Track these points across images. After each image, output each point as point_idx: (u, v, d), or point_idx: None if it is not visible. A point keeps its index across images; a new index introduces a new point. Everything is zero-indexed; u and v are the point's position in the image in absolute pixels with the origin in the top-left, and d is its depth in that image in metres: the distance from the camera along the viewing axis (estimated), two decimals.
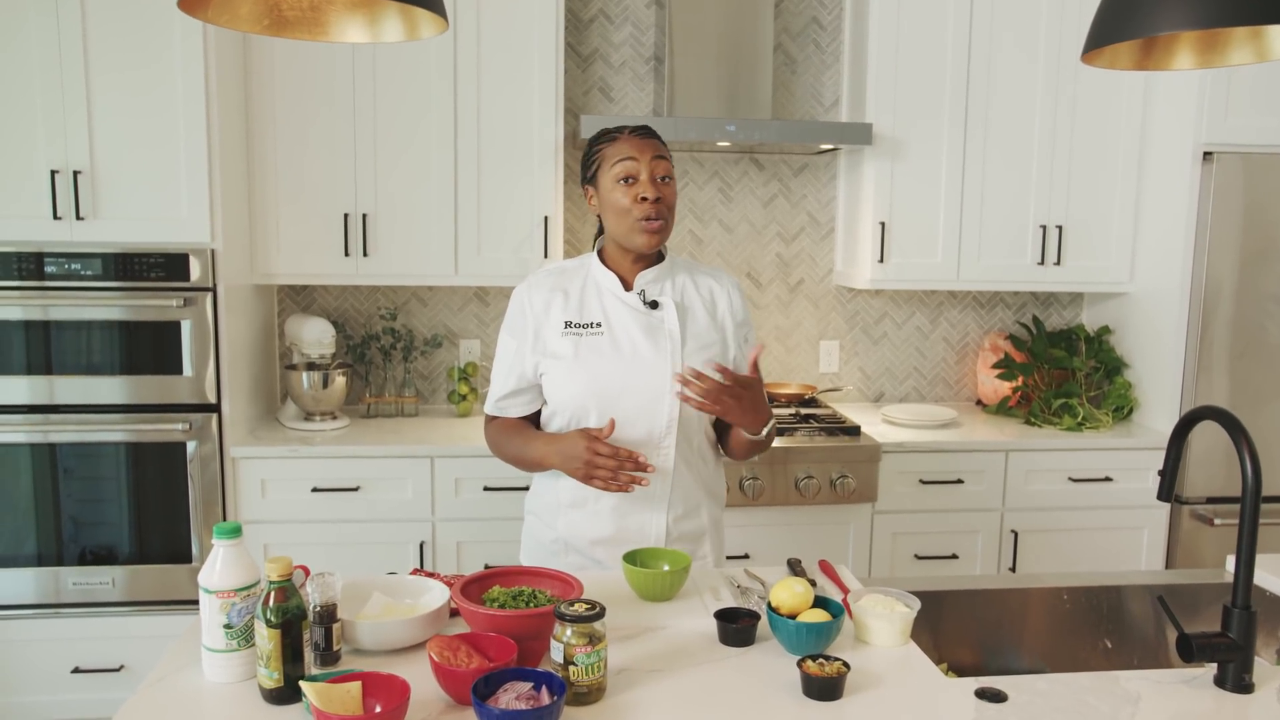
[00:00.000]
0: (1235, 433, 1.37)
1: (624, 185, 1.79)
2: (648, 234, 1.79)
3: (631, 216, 1.79)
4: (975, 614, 1.81)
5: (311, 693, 1.17)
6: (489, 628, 1.36)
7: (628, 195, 1.78)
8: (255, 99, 2.92)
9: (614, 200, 1.80)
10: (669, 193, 1.81)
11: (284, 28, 1.22)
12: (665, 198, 1.80)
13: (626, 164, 1.78)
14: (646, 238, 1.80)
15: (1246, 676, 1.37)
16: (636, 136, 1.81)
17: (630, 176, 1.78)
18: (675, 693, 1.34)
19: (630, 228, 1.80)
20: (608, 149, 1.82)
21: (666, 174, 1.81)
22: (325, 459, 2.82)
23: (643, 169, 1.78)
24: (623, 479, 1.73)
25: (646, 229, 1.79)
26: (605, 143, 1.83)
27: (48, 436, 2.72)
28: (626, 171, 1.78)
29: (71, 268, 2.67)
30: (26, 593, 2.77)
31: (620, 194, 1.79)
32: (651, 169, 1.79)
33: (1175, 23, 1.17)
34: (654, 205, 1.78)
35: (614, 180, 1.80)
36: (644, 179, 1.78)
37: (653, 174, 1.79)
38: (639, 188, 1.78)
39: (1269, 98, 3.00)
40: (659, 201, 1.78)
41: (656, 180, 1.79)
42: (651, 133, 1.84)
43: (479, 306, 3.42)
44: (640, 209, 1.78)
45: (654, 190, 1.77)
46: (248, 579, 1.35)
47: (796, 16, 3.40)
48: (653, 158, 1.79)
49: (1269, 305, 3.04)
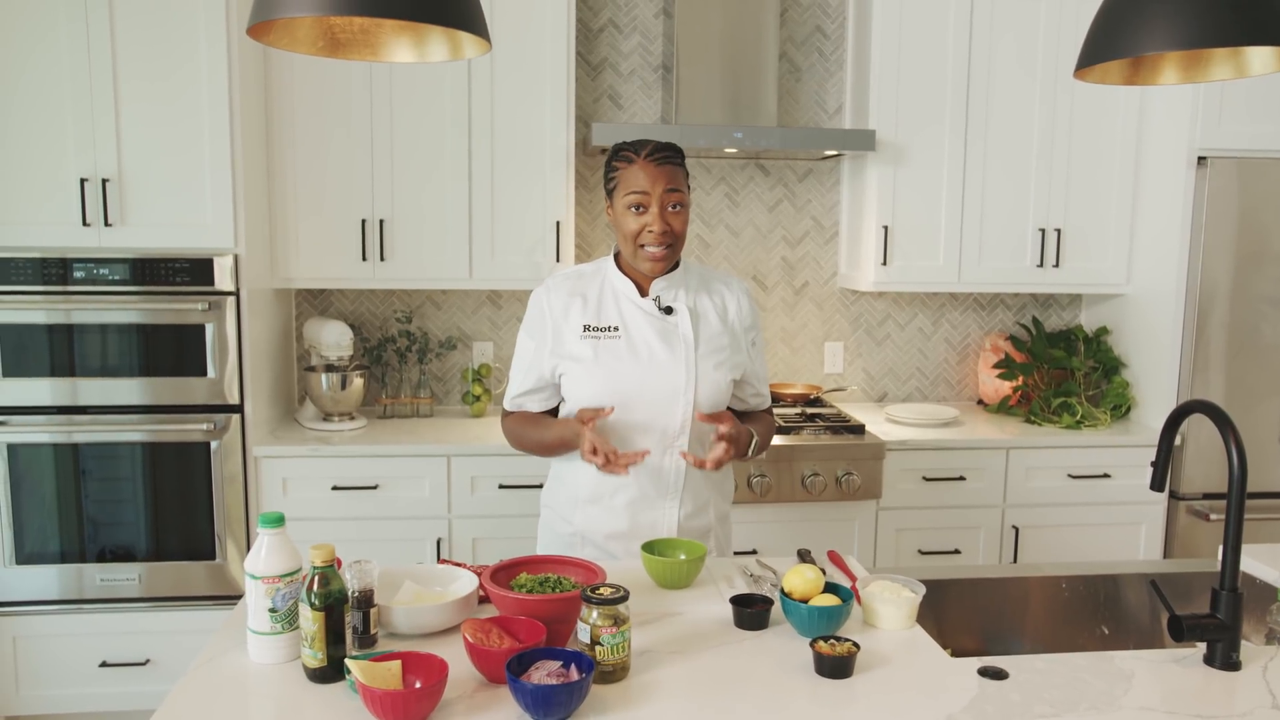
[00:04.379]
0: (1222, 424, 1.45)
1: (634, 213, 1.86)
2: (652, 262, 1.87)
3: (637, 243, 1.87)
4: (977, 602, 1.89)
5: (357, 669, 1.25)
6: (519, 611, 1.44)
7: (637, 223, 1.86)
8: (275, 108, 3.00)
9: (625, 224, 1.88)
10: (678, 222, 1.87)
11: (338, 49, 1.30)
12: (674, 228, 1.86)
13: (638, 194, 1.85)
14: (651, 265, 1.88)
15: (1234, 655, 1.45)
16: (653, 164, 1.84)
17: (641, 205, 1.85)
18: (695, 672, 1.42)
19: (635, 253, 1.88)
20: (624, 173, 1.87)
21: (679, 203, 1.86)
22: (344, 458, 2.90)
23: (653, 200, 1.84)
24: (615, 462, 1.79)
25: (651, 257, 1.87)
26: (623, 164, 1.88)
27: (72, 437, 2.79)
28: (638, 200, 1.85)
29: (99, 273, 2.75)
30: (53, 589, 2.84)
31: (631, 220, 1.86)
32: (663, 201, 1.84)
33: (1161, 43, 1.25)
34: (660, 235, 1.84)
35: (625, 206, 1.87)
36: (654, 210, 1.84)
37: (663, 205, 1.84)
38: (648, 218, 1.85)
39: (1262, 104, 3.08)
40: (666, 233, 1.85)
41: (666, 210, 1.85)
42: (669, 158, 1.87)
43: (492, 309, 3.50)
44: (646, 238, 1.85)
45: (661, 223, 1.84)
46: (291, 565, 1.43)
47: (801, 25, 3.48)
48: (665, 190, 1.84)
49: (1262, 306, 3.11)
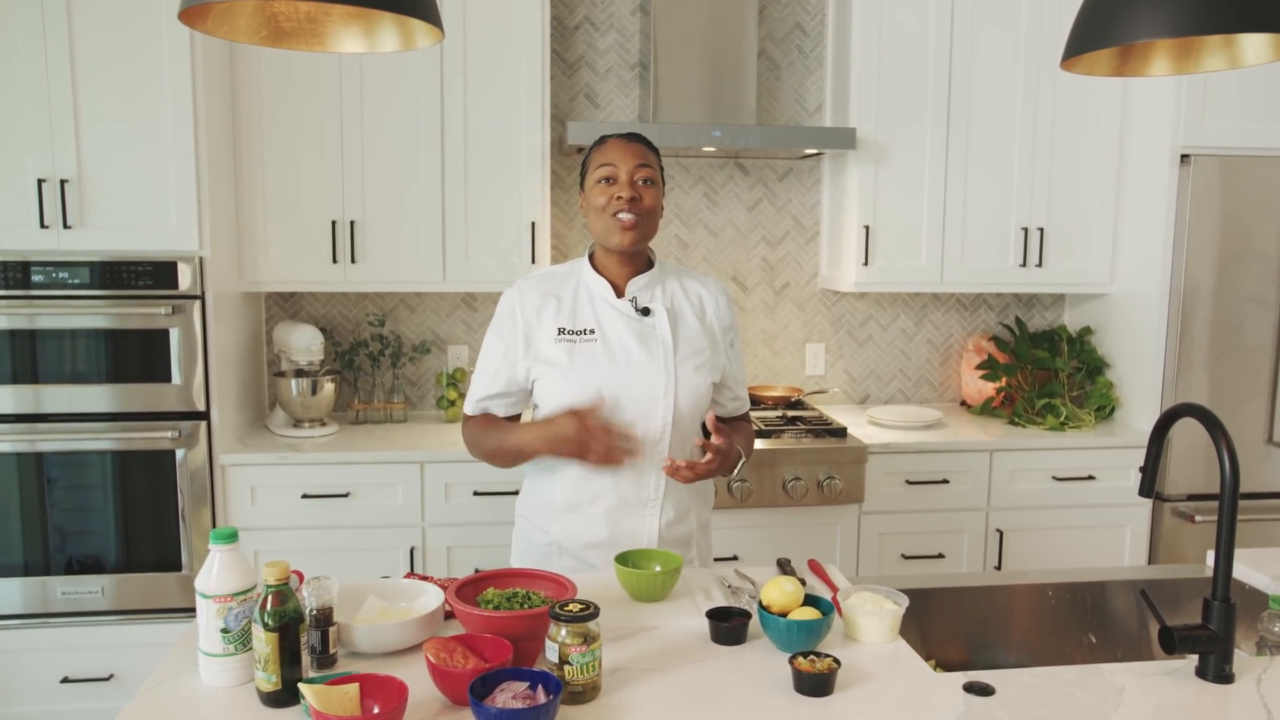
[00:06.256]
0: (1214, 429, 1.40)
1: (604, 185, 1.83)
2: (622, 230, 1.81)
3: (608, 213, 1.82)
4: (962, 611, 1.84)
5: (310, 694, 1.19)
6: (484, 629, 1.38)
7: (606, 194, 1.82)
8: (242, 105, 2.92)
9: (594, 200, 1.84)
10: (649, 196, 1.83)
11: (281, 39, 1.23)
12: (644, 199, 1.82)
13: (608, 167, 1.83)
14: (620, 234, 1.82)
15: (1227, 667, 1.40)
16: (623, 141, 1.85)
17: (610, 178, 1.82)
18: (669, 691, 1.36)
19: (607, 225, 1.83)
20: (595, 153, 1.86)
21: (649, 178, 1.83)
22: (315, 465, 2.83)
23: (622, 171, 1.82)
24: (616, 454, 1.75)
25: (620, 225, 1.81)
26: (596, 147, 1.87)
27: (35, 446, 2.71)
28: (607, 173, 1.82)
29: (59, 276, 2.67)
30: (15, 602, 2.75)
31: (599, 193, 1.83)
32: (632, 172, 1.82)
33: (1151, 31, 1.20)
34: (629, 203, 1.80)
35: (595, 181, 1.84)
36: (623, 180, 1.81)
37: (632, 176, 1.82)
38: (616, 187, 1.82)
39: (1245, 102, 3.05)
40: (635, 201, 1.81)
41: (636, 182, 1.82)
42: (640, 139, 1.87)
43: (467, 312, 3.43)
44: (615, 205, 1.81)
45: (630, 190, 1.80)
46: (244, 584, 1.36)
47: (780, 23, 3.44)
48: (636, 165, 1.82)
49: (1247, 306, 3.09)
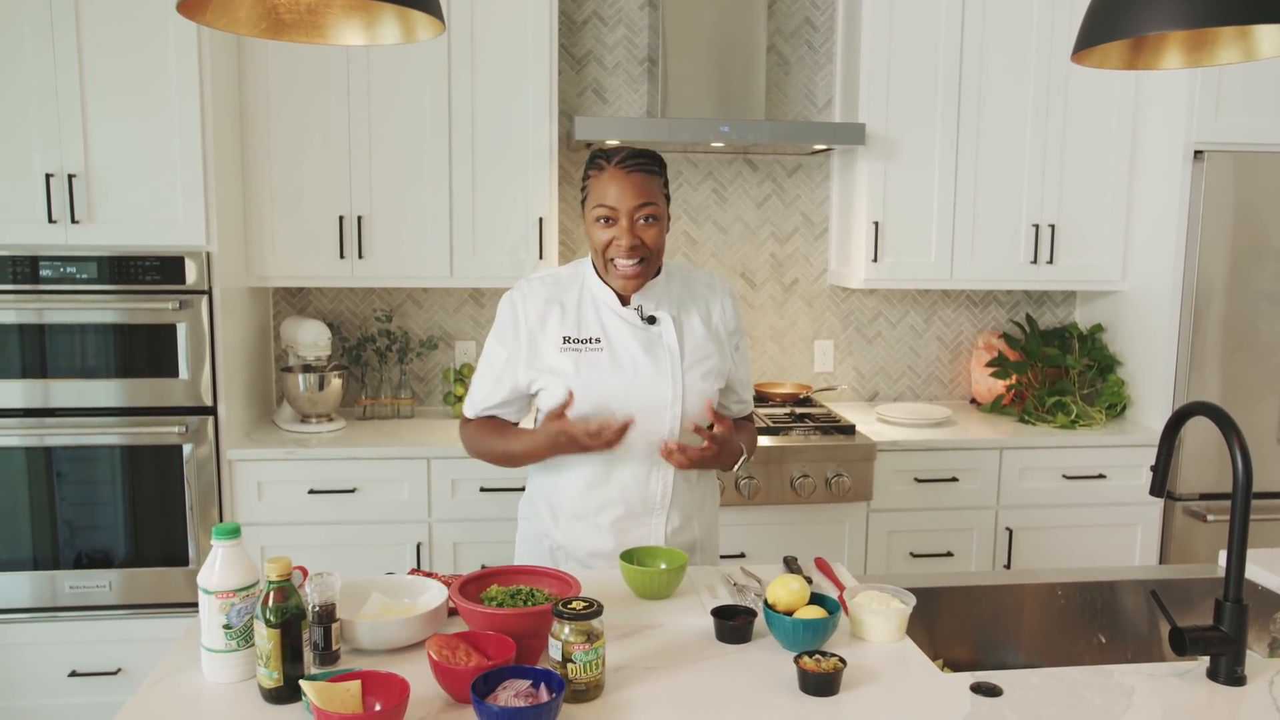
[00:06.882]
0: (1226, 428, 1.38)
1: (602, 225, 1.76)
2: (623, 279, 1.77)
3: (607, 256, 1.77)
4: (971, 611, 1.83)
5: (311, 691, 1.18)
6: (487, 626, 1.37)
7: (605, 235, 1.76)
8: (250, 101, 2.92)
9: (594, 236, 1.78)
10: (650, 235, 1.75)
11: (282, 30, 1.23)
12: (645, 241, 1.75)
13: (605, 208, 1.74)
14: (623, 282, 1.78)
15: (1238, 669, 1.38)
16: (623, 172, 1.74)
17: (609, 218, 1.75)
18: (673, 689, 1.35)
19: (606, 269, 1.79)
20: (594, 182, 1.77)
21: (651, 215, 1.75)
22: (322, 461, 2.82)
23: (622, 214, 1.73)
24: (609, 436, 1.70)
25: (621, 274, 1.76)
26: (595, 171, 1.78)
27: (43, 440, 2.71)
28: (606, 214, 1.75)
29: (67, 271, 2.67)
30: (23, 597, 2.76)
31: (598, 230, 1.76)
32: (632, 214, 1.73)
33: (1163, 22, 1.18)
34: (629, 250, 1.74)
35: (594, 219, 1.77)
36: (622, 224, 1.73)
37: (633, 218, 1.73)
38: (616, 232, 1.74)
39: (1259, 97, 3.02)
40: (636, 247, 1.74)
41: (635, 224, 1.74)
42: (642, 165, 1.76)
43: (474, 308, 3.42)
44: (614, 251, 1.75)
45: (631, 237, 1.73)
46: (247, 579, 1.35)
47: (789, 17, 3.41)
48: (636, 205, 1.73)
49: (1260, 303, 3.06)
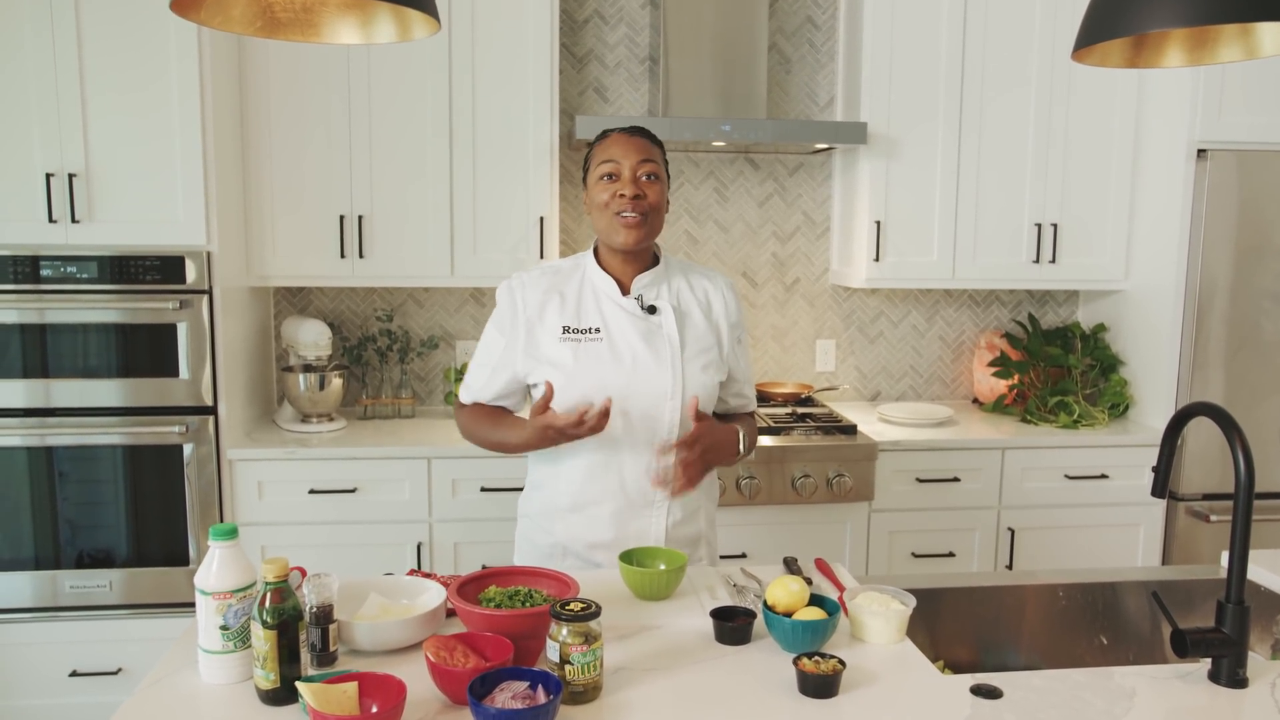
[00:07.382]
0: (1228, 428, 1.37)
1: (606, 182, 1.79)
2: (625, 229, 1.77)
3: (610, 211, 1.78)
4: (972, 612, 1.82)
5: (308, 693, 1.18)
6: (485, 627, 1.36)
7: (608, 191, 1.78)
8: (250, 100, 2.92)
9: (597, 197, 1.80)
10: (653, 192, 1.79)
11: (277, 29, 1.22)
12: (647, 196, 1.78)
13: (610, 163, 1.78)
14: (625, 233, 1.78)
15: (1240, 671, 1.37)
16: (625, 135, 1.81)
17: (613, 174, 1.78)
18: (671, 691, 1.34)
19: (610, 223, 1.79)
20: (597, 148, 1.82)
21: (652, 173, 1.79)
22: (322, 460, 2.82)
23: (625, 168, 1.77)
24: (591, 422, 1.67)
25: (624, 224, 1.77)
26: (597, 142, 1.83)
27: (44, 440, 2.71)
28: (609, 169, 1.78)
29: (67, 271, 2.67)
30: (24, 596, 2.76)
31: (602, 190, 1.79)
32: (635, 168, 1.77)
33: (1165, 20, 1.17)
34: (632, 201, 1.76)
35: (597, 178, 1.80)
36: (625, 176, 1.77)
37: (635, 173, 1.77)
38: (619, 185, 1.77)
39: (1262, 96, 3.00)
40: (638, 198, 1.76)
41: (639, 179, 1.78)
42: (643, 132, 1.83)
43: (475, 307, 3.42)
44: (618, 203, 1.76)
45: (633, 188, 1.76)
46: (244, 580, 1.35)
47: (791, 16, 3.41)
48: (639, 160, 1.78)
49: (1264, 302, 3.04)
